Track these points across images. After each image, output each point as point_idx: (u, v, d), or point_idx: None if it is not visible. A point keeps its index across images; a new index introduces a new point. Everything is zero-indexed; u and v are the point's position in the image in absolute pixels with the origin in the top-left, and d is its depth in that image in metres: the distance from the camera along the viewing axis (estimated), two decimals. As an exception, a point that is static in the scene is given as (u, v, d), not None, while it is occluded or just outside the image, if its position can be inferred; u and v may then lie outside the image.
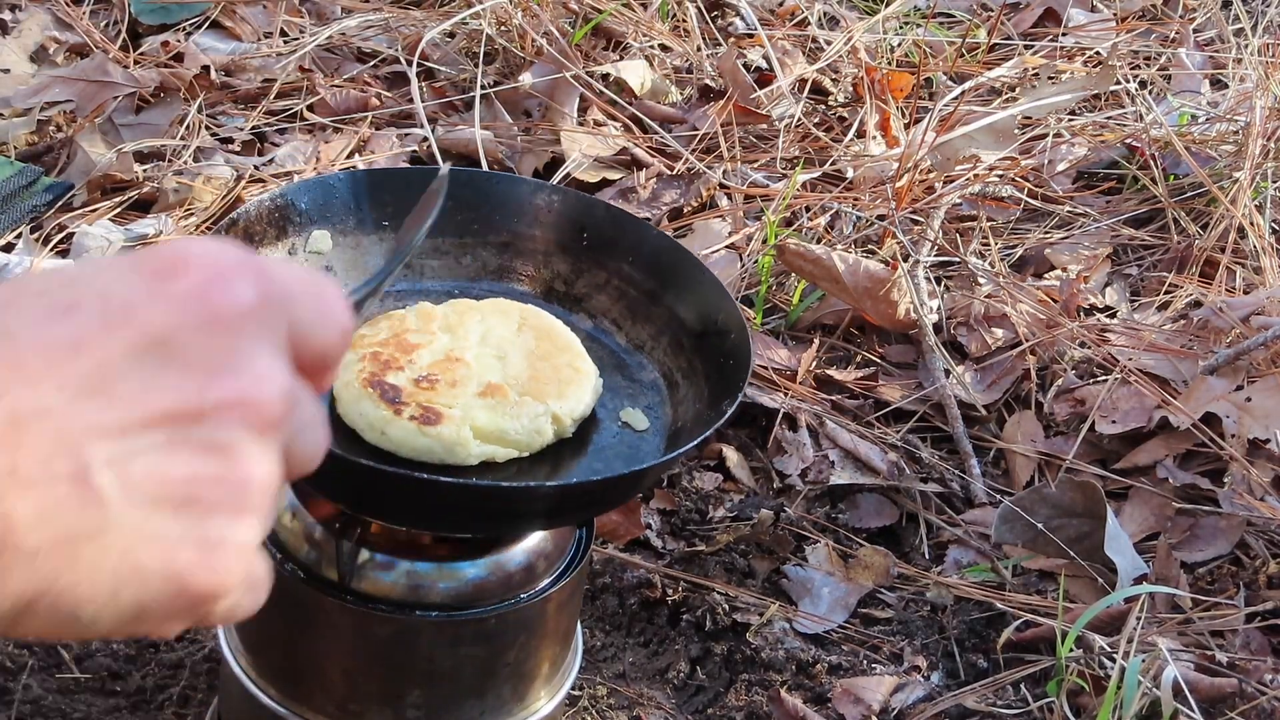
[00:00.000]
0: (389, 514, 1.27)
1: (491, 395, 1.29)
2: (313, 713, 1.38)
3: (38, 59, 2.81)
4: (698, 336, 1.41)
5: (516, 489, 1.24)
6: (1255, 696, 1.75)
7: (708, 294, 1.42)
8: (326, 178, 1.40)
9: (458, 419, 1.26)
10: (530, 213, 1.46)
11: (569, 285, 1.47)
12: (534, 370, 1.33)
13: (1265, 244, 2.47)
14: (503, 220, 1.46)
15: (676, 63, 2.97)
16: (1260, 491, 2.02)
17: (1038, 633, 1.86)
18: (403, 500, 1.22)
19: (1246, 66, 2.91)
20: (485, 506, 1.23)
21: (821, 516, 2.05)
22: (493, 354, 1.34)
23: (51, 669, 1.71)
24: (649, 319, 1.44)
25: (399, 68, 2.83)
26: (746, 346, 1.35)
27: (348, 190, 1.40)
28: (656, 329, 1.44)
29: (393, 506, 1.24)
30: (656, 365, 1.43)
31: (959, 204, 2.58)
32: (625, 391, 1.40)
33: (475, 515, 1.25)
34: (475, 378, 1.31)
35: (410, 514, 1.26)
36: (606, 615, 1.92)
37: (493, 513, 1.25)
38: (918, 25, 3.15)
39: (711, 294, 1.42)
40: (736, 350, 1.35)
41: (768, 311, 2.34)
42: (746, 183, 2.59)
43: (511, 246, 1.47)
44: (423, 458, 1.25)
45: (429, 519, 1.27)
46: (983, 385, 2.24)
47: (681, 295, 1.44)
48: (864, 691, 1.79)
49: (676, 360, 1.42)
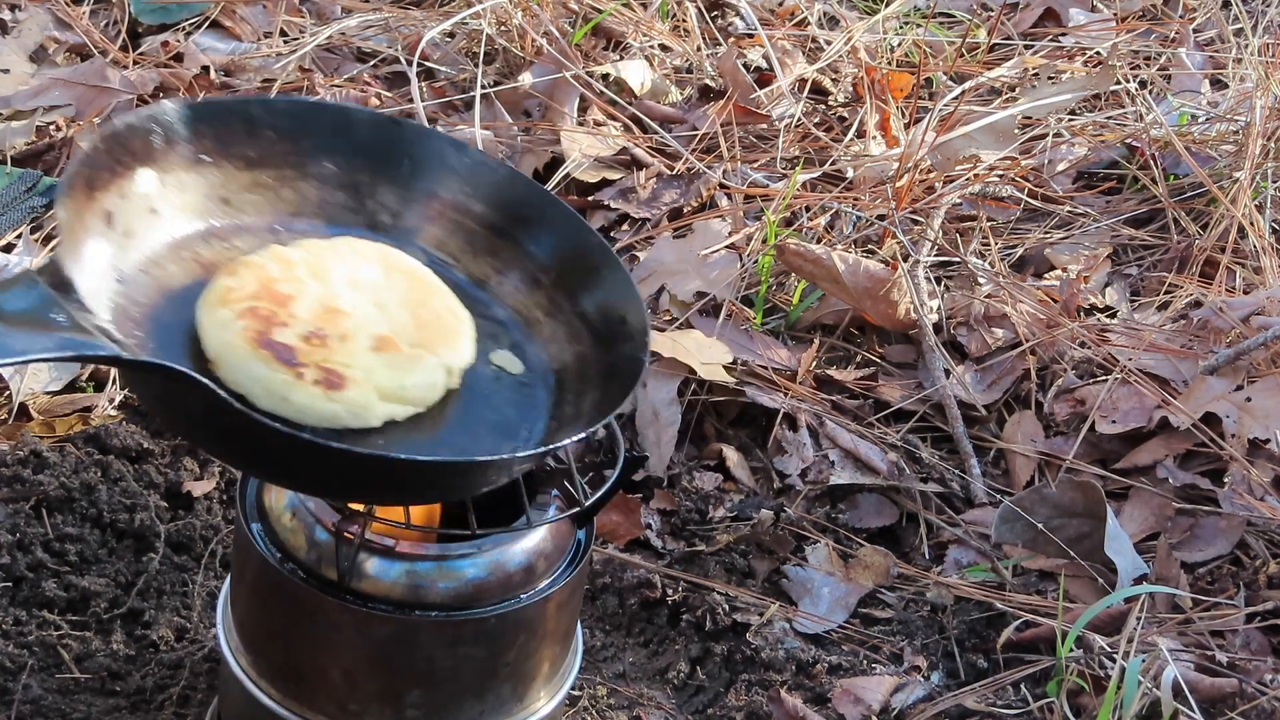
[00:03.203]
0: (294, 481, 1.24)
1: (385, 350, 1.25)
2: (313, 713, 1.38)
3: (37, 59, 2.81)
4: (557, 272, 1.36)
5: (490, 461, 1.22)
6: (1255, 696, 1.75)
7: (564, 227, 1.37)
8: (143, 116, 1.30)
9: (361, 381, 1.22)
10: (351, 142, 1.40)
11: (396, 218, 1.41)
12: (417, 319, 1.29)
13: (1265, 244, 2.47)
14: (322, 151, 1.39)
15: (676, 63, 2.97)
16: (1260, 491, 2.02)
17: (1038, 633, 1.86)
18: (316, 469, 1.18)
19: (1246, 66, 2.91)
20: (442, 479, 1.21)
21: (821, 516, 2.05)
22: (370, 301, 1.29)
23: (51, 669, 1.71)
24: (493, 253, 1.39)
25: (399, 68, 2.83)
26: (624, 275, 1.30)
27: (165, 127, 1.30)
28: (502, 263, 1.39)
29: (305, 475, 1.20)
30: (507, 301, 1.39)
31: (959, 204, 2.58)
32: (484, 331, 1.35)
33: (412, 486, 1.22)
34: (362, 330, 1.26)
35: (317, 481, 1.22)
36: (606, 615, 1.92)
37: (437, 483, 1.22)
38: (918, 25, 3.14)
39: (568, 227, 1.37)
40: (612, 281, 1.31)
41: (768, 311, 2.34)
42: (746, 183, 2.59)
43: (334, 178, 1.40)
44: (326, 424, 1.21)
45: (342, 489, 1.24)
46: (983, 385, 2.24)
47: (531, 229, 1.38)
48: (864, 691, 1.79)
49: (532, 297, 1.38)
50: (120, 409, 2.04)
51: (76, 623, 1.77)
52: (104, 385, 2.07)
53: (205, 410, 1.13)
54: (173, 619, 1.79)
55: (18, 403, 2.02)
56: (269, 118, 1.36)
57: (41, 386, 2.05)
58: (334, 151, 1.39)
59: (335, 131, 1.39)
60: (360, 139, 1.40)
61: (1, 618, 1.74)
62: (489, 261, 1.40)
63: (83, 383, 2.08)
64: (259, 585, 1.39)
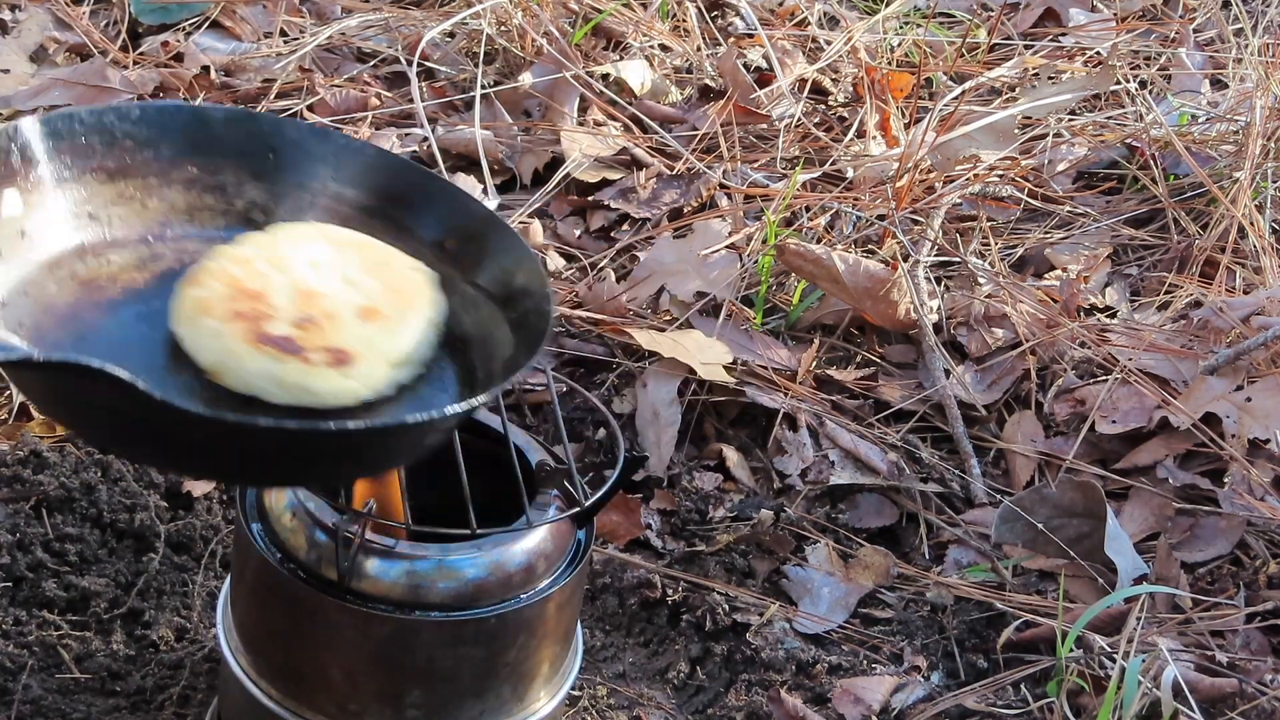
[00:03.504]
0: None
1: (373, 319, 1.25)
2: (313, 713, 1.38)
3: (37, 59, 2.81)
4: (442, 247, 1.35)
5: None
6: (1255, 696, 1.75)
7: (444, 201, 1.36)
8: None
9: (365, 352, 1.22)
10: (211, 142, 1.37)
11: (268, 214, 1.38)
12: (387, 283, 1.28)
13: (1265, 244, 2.47)
14: (183, 155, 1.36)
15: (676, 63, 2.97)
16: (1260, 491, 2.02)
17: (1038, 633, 1.86)
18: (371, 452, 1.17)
19: (1246, 66, 2.91)
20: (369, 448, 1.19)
21: (821, 516, 2.05)
22: (337, 278, 1.28)
23: (51, 669, 1.71)
24: (371, 233, 1.37)
25: (399, 68, 2.83)
26: (514, 238, 1.29)
27: (21, 146, 1.27)
28: (384, 241, 1.37)
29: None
30: None
31: (959, 204, 2.58)
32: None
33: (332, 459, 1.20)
34: (343, 305, 1.25)
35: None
36: (606, 615, 1.92)
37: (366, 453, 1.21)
38: (918, 25, 3.14)
39: (448, 200, 1.35)
40: (502, 246, 1.30)
41: (768, 311, 2.34)
42: (746, 183, 2.59)
43: (197, 182, 1.37)
44: (346, 402, 1.20)
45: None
46: (983, 385, 2.24)
47: (411, 208, 1.37)
48: (864, 691, 1.79)
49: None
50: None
51: (76, 623, 1.77)
52: (104, 385, 2.07)
53: (124, 403, 1.09)
54: (173, 619, 1.79)
55: (18, 403, 2.02)
56: (124, 126, 1.33)
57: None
58: (195, 154, 1.36)
59: (193, 133, 1.36)
60: (220, 138, 1.37)
61: (1, 618, 1.74)
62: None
63: (83, 383, 2.08)
64: (259, 585, 1.39)
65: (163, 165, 1.35)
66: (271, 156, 1.38)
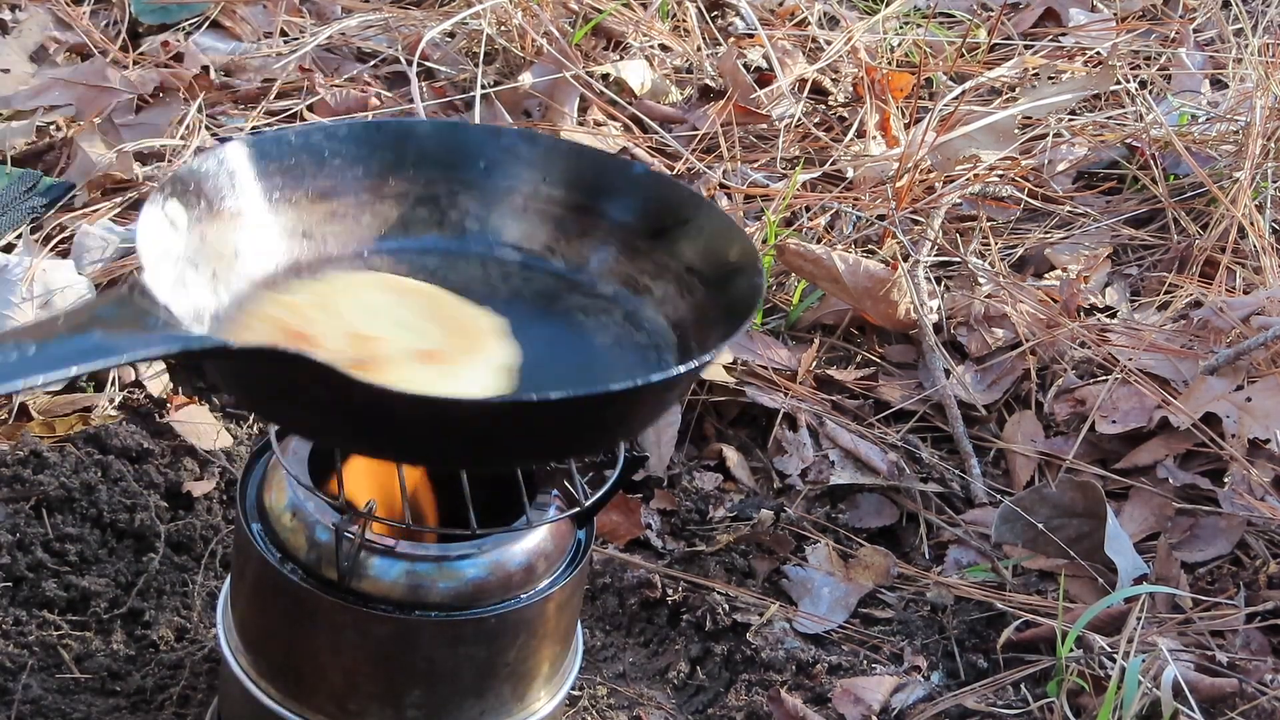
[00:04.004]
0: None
1: (432, 362, 1.22)
2: (313, 713, 1.38)
3: (38, 59, 2.81)
4: (651, 233, 1.35)
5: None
6: (1255, 696, 1.75)
7: (645, 187, 1.36)
8: (208, 160, 1.28)
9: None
10: (421, 155, 1.38)
11: (481, 222, 1.40)
12: (446, 328, 1.27)
13: (1265, 244, 2.47)
14: (394, 170, 1.38)
15: (676, 63, 2.97)
16: (1260, 491, 2.02)
17: (1038, 633, 1.86)
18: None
19: (1246, 66, 2.91)
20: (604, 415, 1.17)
21: (821, 516, 2.05)
22: (391, 322, 1.26)
23: (51, 669, 1.71)
24: (583, 233, 1.38)
25: (399, 68, 2.83)
26: (718, 213, 1.28)
27: (231, 169, 1.28)
28: (596, 241, 1.38)
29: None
30: (610, 276, 1.37)
31: (959, 204, 2.58)
32: (596, 309, 1.34)
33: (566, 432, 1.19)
34: (399, 349, 1.23)
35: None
36: (606, 615, 1.92)
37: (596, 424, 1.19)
38: (918, 25, 3.15)
39: (649, 185, 1.36)
40: (708, 224, 1.29)
41: (768, 311, 2.34)
42: (746, 183, 2.59)
43: (411, 195, 1.39)
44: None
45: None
46: (983, 385, 2.24)
47: (614, 198, 1.37)
48: (864, 691, 1.79)
49: (635, 264, 1.36)
50: (120, 409, 2.04)
51: (76, 623, 1.77)
52: (104, 385, 2.07)
53: (325, 390, 1.09)
54: (173, 619, 1.79)
55: (18, 403, 2.02)
56: (333, 145, 1.35)
57: (41, 386, 2.05)
58: (405, 167, 1.38)
59: (402, 147, 1.38)
60: (428, 150, 1.39)
61: (1, 618, 1.74)
62: (582, 243, 1.39)
63: (83, 383, 2.08)
64: (259, 585, 1.39)
65: (374, 181, 1.36)
66: (482, 165, 1.39)
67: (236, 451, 2.01)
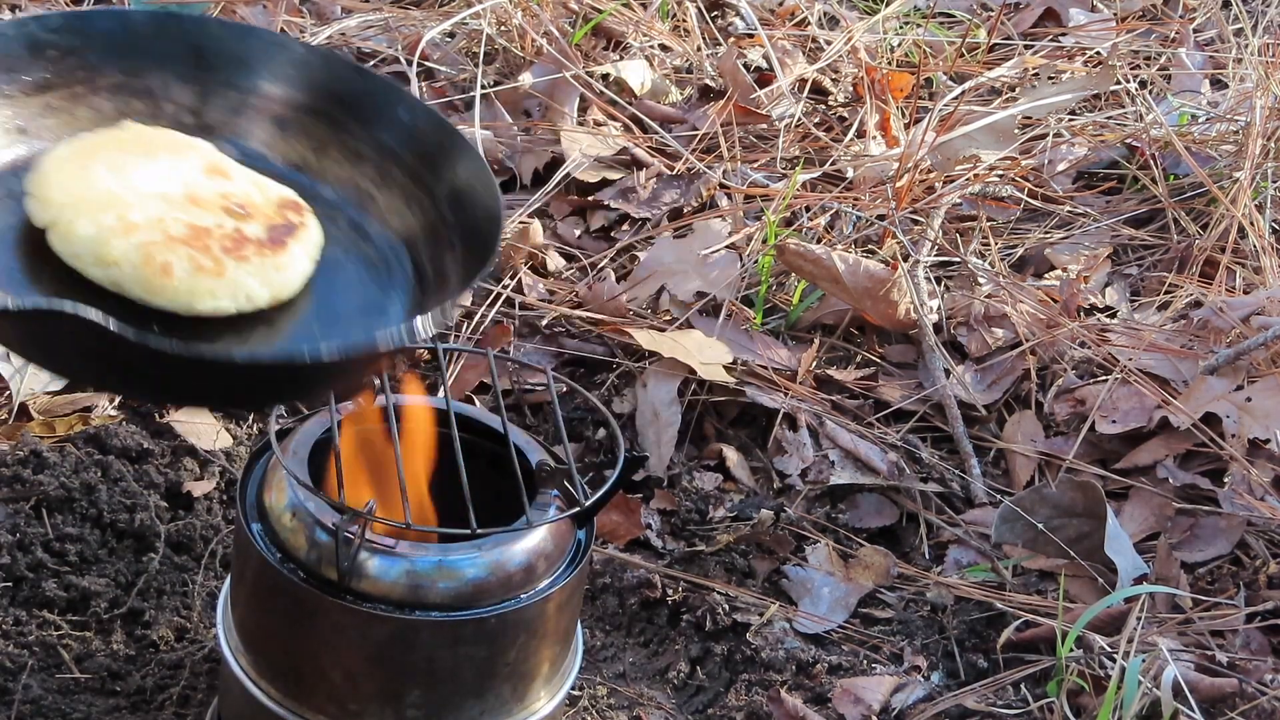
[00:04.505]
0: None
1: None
2: (313, 713, 1.38)
3: (38, 59, 2.81)
4: (379, 142, 1.33)
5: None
6: (1255, 696, 1.75)
7: (380, 95, 1.33)
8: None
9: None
10: (136, 46, 1.34)
11: (197, 116, 1.36)
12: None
13: (1265, 244, 2.47)
14: (108, 61, 1.34)
15: (676, 63, 2.97)
16: (1260, 491, 2.02)
17: (1038, 633, 1.86)
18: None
19: (1246, 66, 2.91)
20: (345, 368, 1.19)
21: (821, 516, 2.05)
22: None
23: (51, 669, 1.71)
24: (306, 133, 1.35)
25: (399, 68, 2.83)
26: (454, 134, 1.26)
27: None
28: (318, 143, 1.35)
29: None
30: (330, 180, 1.35)
31: (959, 204, 2.58)
32: (318, 215, 1.31)
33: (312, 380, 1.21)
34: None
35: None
36: (606, 615, 1.92)
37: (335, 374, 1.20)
38: (918, 25, 3.15)
39: (384, 94, 1.33)
40: (444, 140, 1.27)
41: (768, 311, 2.34)
42: (746, 183, 2.59)
43: (125, 87, 1.34)
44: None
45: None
46: (983, 385, 2.24)
47: (342, 103, 1.34)
48: (864, 691, 1.79)
49: (358, 169, 1.34)
50: (120, 409, 2.04)
51: (76, 623, 1.77)
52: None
53: (95, 341, 1.08)
54: (173, 619, 1.79)
55: (18, 403, 2.02)
56: (48, 35, 1.31)
57: (41, 386, 2.05)
58: (120, 58, 1.34)
59: (116, 38, 1.34)
60: (144, 41, 1.34)
61: (1, 618, 1.74)
62: (305, 144, 1.36)
63: (83, 383, 2.09)
64: (259, 585, 1.39)
65: (89, 73, 1.33)
66: (197, 58, 1.35)
67: (236, 451, 2.01)
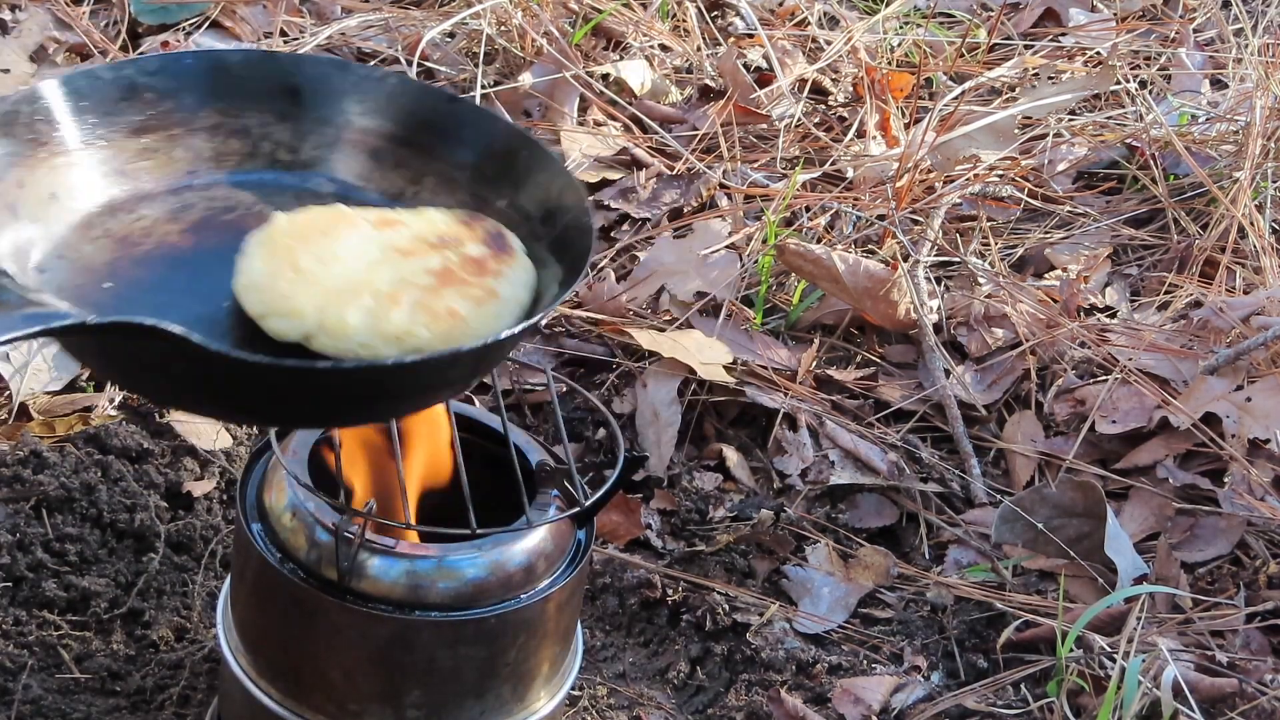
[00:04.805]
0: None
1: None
2: (313, 713, 1.38)
3: (38, 59, 2.81)
4: (472, 168, 1.34)
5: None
6: (1255, 696, 1.75)
7: (471, 122, 1.34)
8: (20, 100, 1.26)
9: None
10: (231, 86, 1.36)
11: (295, 153, 1.37)
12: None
13: (1265, 244, 2.47)
14: (204, 102, 1.35)
15: (676, 63, 2.97)
16: (1260, 491, 2.02)
17: (1038, 633, 1.86)
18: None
19: (1246, 66, 2.91)
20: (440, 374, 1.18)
21: (821, 516, 2.05)
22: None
23: (51, 669, 1.71)
24: (401, 164, 1.36)
25: (399, 68, 2.83)
26: (543, 151, 1.27)
27: (46, 109, 1.26)
28: (413, 172, 1.36)
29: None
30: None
31: (959, 204, 2.58)
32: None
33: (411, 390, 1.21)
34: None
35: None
36: (606, 615, 1.92)
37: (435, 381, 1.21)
38: (918, 25, 3.14)
39: (476, 120, 1.34)
40: (533, 161, 1.28)
41: (768, 311, 2.34)
42: (746, 183, 2.59)
43: (223, 127, 1.36)
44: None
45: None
46: (983, 385, 2.24)
47: (435, 131, 1.35)
48: (864, 691, 1.79)
49: (454, 197, 1.35)
50: (120, 409, 2.04)
51: (76, 623, 1.77)
52: (104, 385, 2.07)
53: (183, 360, 1.08)
54: (173, 619, 1.79)
55: (18, 403, 2.02)
56: (145, 78, 1.32)
57: (41, 386, 2.05)
58: (216, 99, 1.35)
59: (212, 78, 1.35)
60: (239, 81, 1.36)
61: (1, 618, 1.74)
62: (402, 174, 1.37)
63: (83, 383, 2.08)
64: (259, 585, 1.39)
65: (185, 114, 1.34)
66: (293, 95, 1.36)
67: (236, 451, 2.01)
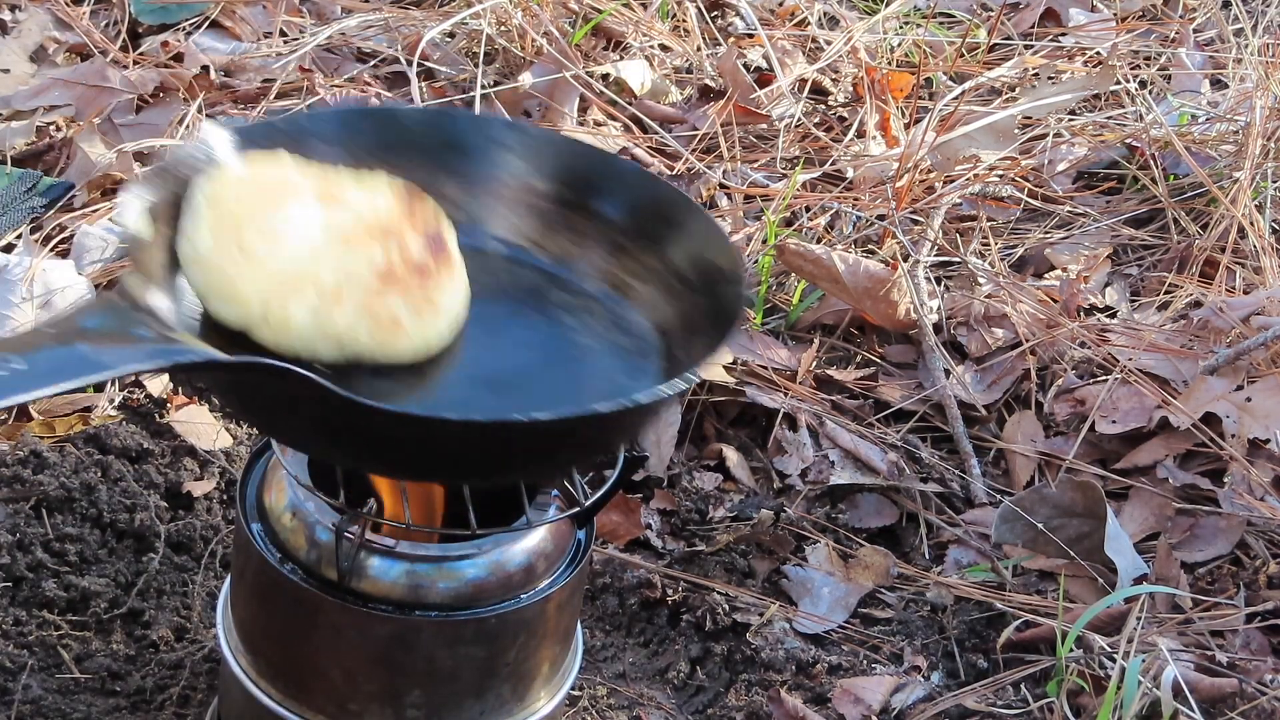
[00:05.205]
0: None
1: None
2: (313, 713, 1.38)
3: (38, 59, 2.82)
4: (637, 233, 1.34)
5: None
6: (1255, 696, 1.75)
7: (634, 185, 1.34)
8: (195, 147, 1.27)
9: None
10: (404, 141, 1.36)
11: (462, 209, 1.36)
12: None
13: (1265, 244, 2.47)
14: (376, 155, 1.35)
15: (676, 63, 2.97)
16: (1260, 491, 2.02)
17: (1038, 633, 1.86)
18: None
19: (1246, 66, 2.91)
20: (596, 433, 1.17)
21: (821, 516, 2.05)
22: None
23: (51, 669, 1.71)
24: (569, 227, 1.36)
25: (399, 68, 2.83)
26: (707, 220, 1.27)
27: (210, 154, 1.26)
28: (580, 236, 1.36)
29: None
30: (594, 274, 1.35)
31: (959, 204, 2.58)
32: (578, 307, 1.32)
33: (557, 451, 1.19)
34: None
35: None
36: (606, 615, 1.92)
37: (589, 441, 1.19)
38: (918, 25, 3.15)
39: (639, 184, 1.34)
40: (696, 229, 1.28)
41: (768, 311, 2.34)
42: (746, 183, 2.59)
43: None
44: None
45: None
46: (983, 385, 2.24)
47: (602, 194, 1.35)
48: (864, 691, 1.79)
49: (620, 263, 1.34)
50: (120, 409, 2.04)
51: (76, 623, 1.77)
52: (103, 386, 2.07)
53: (312, 402, 1.09)
54: (173, 619, 1.79)
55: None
56: (314, 128, 1.34)
57: (41, 386, 2.05)
58: (388, 152, 1.35)
59: (385, 132, 1.36)
60: (413, 136, 1.37)
61: (1, 618, 1.75)
62: (567, 237, 1.37)
63: (83, 383, 2.08)
64: (259, 585, 1.39)
65: (356, 166, 1.33)
66: (464, 153, 1.36)
67: (236, 451, 2.01)
